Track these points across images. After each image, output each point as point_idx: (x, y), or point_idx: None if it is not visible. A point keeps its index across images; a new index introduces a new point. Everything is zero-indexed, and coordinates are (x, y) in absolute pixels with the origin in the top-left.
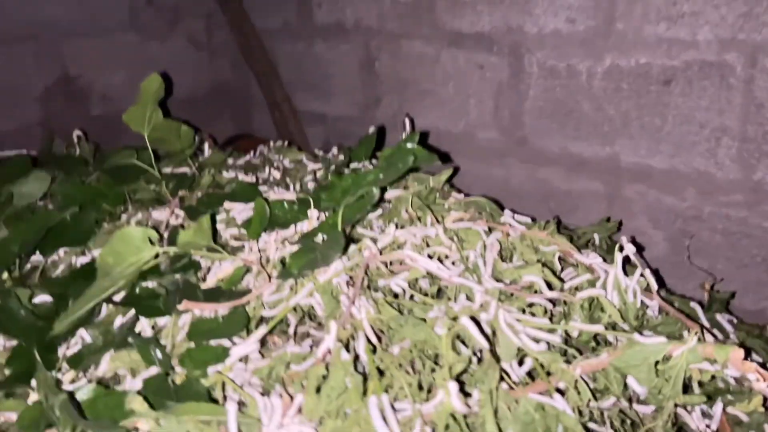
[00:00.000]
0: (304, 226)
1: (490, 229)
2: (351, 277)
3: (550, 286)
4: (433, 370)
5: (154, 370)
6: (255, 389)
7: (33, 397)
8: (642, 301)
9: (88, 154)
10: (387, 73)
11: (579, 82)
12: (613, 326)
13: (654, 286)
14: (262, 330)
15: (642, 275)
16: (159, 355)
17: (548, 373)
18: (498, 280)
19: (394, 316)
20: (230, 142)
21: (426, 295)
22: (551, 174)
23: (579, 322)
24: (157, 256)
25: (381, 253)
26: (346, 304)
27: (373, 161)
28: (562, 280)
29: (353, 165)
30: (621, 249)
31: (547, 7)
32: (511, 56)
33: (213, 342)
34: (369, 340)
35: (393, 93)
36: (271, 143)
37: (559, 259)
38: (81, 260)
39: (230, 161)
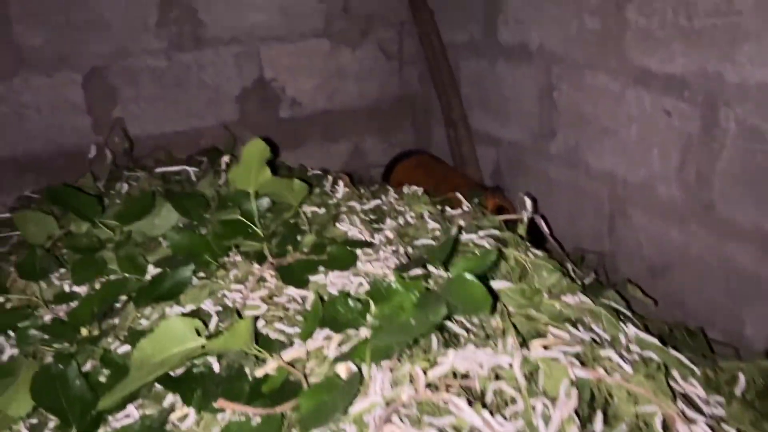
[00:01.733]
0: (362, 335)
1: (583, 363)
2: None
3: None
4: None
5: None
6: None
7: None
8: None
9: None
10: (566, 104)
11: None
12: None
13: None
14: None
15: None
16: None
17: None
18: None
19: None
20: (402, 156)
21: None
22: (739, 251)
23: None
24: (203, 347)
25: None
26: None
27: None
28: None
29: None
30: None
31: (755, 54)
32: (705, 106)
33: None
34: None
35: (570, 126)
36: (405, 188)
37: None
38: (174, 310)
39: (357, 206)
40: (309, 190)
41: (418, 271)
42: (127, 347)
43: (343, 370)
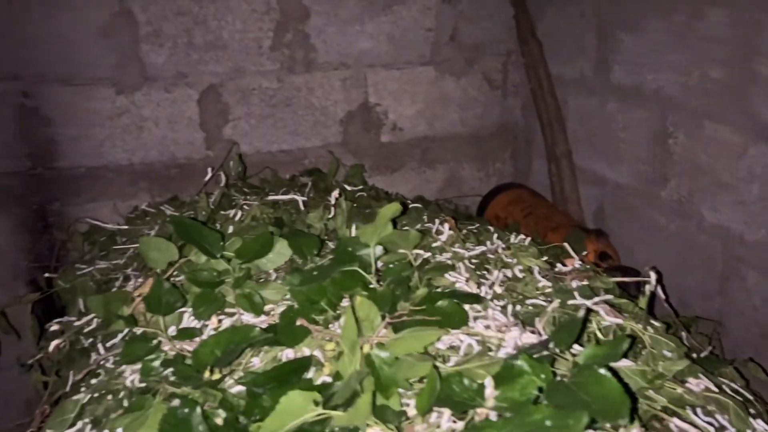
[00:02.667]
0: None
1: None
2: None
3: None
4: None
5: None
6: None
7: None
8: None
9: (341, 218)
10: (681, 153)
11: None
12: None
13: None
14: None
15: None
16: None
17: None
18: None
19: None
20: (500, 189)
21: None
22: None
23: None
24: (319, 414)
25: None
26: None
27: (576, 348)
28: None
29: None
30: None
31: None
32: None
33: None
34: None
35: (684, 176)
36: (512, 237)
37: None
38: (286, 353)
39: (463, 253)
40: (422, 238)
41: (544, 352)
42: (241, 388)
43: None
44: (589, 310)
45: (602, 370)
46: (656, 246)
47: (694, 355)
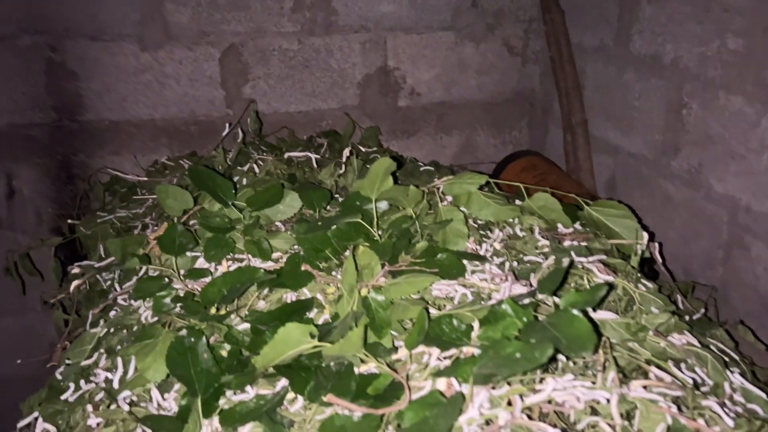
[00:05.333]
0: (465, 349)
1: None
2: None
3: None
4: None
5: None
6: None
7: None
8: None
9: (353, 168)
10: (694, 123)
11: None
12: None
13: None
14: None
15: None
16: None
17: None
18: None
19: None
20: (514, 157)
21: None
22: None
23: None
24: (315, 347)
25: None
26: None
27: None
28: None
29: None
30: None
31: None
32: None
33: None
34: None
35: (695, 146)
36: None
37: None
38: (290, 296)
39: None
40: (422, 196)
41: (528, 299)
42: (246, 325)
43: (444, 386)
44: (572, 262)
45: (575, 311)
46: (664, 215)
47: (687, 317)
